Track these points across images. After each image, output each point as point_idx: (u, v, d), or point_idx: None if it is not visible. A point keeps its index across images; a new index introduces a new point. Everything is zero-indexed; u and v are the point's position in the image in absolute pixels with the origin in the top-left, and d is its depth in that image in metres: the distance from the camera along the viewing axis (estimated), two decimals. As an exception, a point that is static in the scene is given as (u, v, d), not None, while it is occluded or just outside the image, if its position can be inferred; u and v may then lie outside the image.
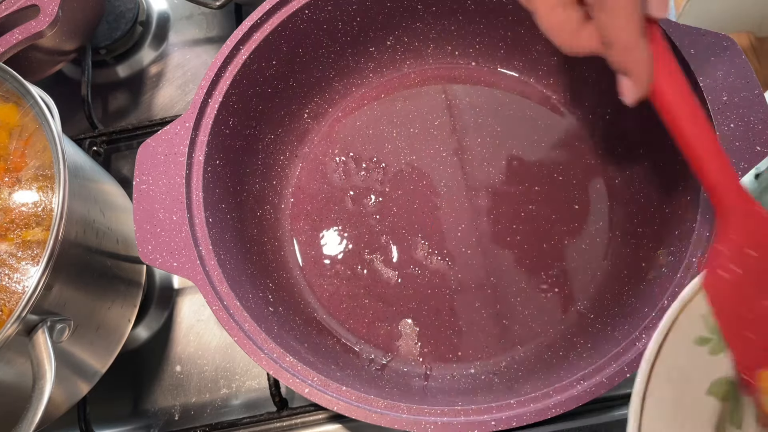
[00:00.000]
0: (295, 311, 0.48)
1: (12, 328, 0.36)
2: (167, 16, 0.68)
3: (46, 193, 0.41)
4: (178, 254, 0.41)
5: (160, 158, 0.44)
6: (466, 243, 0.50)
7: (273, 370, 0.38)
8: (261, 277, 0.48)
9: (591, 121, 0.53)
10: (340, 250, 0.52)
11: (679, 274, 0.38)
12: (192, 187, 0.43)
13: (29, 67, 0.56)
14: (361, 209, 0.53)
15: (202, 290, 0.40)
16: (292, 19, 0.48)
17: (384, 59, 0.56)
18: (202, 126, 0.45)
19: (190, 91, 0.64)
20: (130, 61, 0.67)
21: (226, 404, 0.52)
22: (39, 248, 0.39)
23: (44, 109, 0.41)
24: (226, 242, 0.45)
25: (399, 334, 0.49)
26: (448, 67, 0.57)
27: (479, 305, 0.49)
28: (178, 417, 0.52)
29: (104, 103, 0.65)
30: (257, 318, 0.40)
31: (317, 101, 0.56)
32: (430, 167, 0.53)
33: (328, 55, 0.53)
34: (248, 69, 0.47)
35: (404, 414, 0.36)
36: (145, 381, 0.54)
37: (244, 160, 0.50)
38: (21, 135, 0.43)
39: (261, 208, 0.52)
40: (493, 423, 0.35)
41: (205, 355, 0.54)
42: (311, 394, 0.37)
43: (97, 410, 0.51)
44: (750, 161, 0.39)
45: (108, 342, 0.48)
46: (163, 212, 0.42)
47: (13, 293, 0.38)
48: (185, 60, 0.66)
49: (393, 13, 0.52)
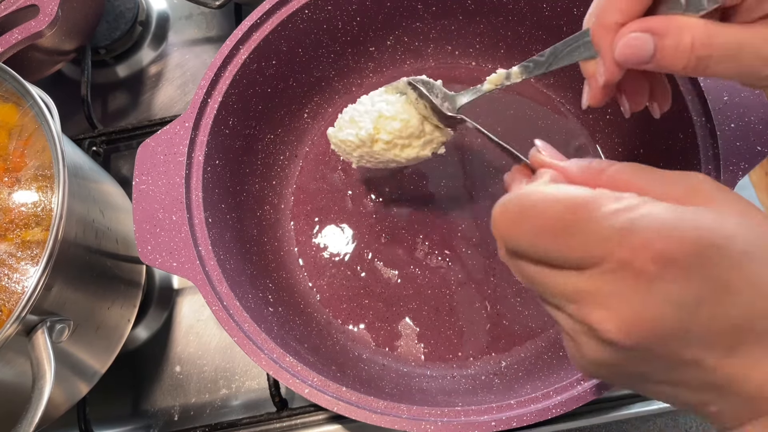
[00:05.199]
0: (295, 311, 0.48)
1: (12, 328, 0.36)
2: (167, 15, 0.68)
3: (46, 193, 0.41)
4: (178, 254, 0.41)
5: (159, 158, 0.44)
6: (466, 243, 0.50)
7: (273, 370, 0.38)
8: (261, 277, 0.48)
9: (591, 121, 0.53)
10: (340, 251, 0.52)
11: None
12: (191, 187, 0.43)
13: (29, 67, 0.56)
14: (361, 209, 0.53)
15: (202, 290, 0.40)
16: (291, 18, 0.48)
17: (384, 59, 0.56)
18: (201, 126, 0.45)
19: (189, 91, 0.64)
20: (130, 61, 0.67)
21: (225, 405, 0.52)
22: (38, 248, 0.39)
23: (44, 109, 0.41)
24: (225, 242, 0.45)
25: (399, 334, 0.49)
26: (448, 66, 0.57)
27: (479, 305, 0.49)
28: (177, 417, 0.52)
29: (104, 103, 0.65)
30: (257, 318, 0.40)
31: (317, 101, 0.56)
32: (430, 167, 0.53)
33: (328, 55, 0.53)
34: (248, 69, 0.47)
35: (404, 414, 0.36)
36: (144, 381, 0.54)
37: (243, 160, 0.50)
38: (20, 135, 0.43)
39: (261, 208, 0.52)
40: (493, 423, 0.35)
41: (204, 356, 0.54)
42: (311, 394, 0.37)
43: (96, 410, 0.51)
44: (750, 161, 0.39)
45: (108, 342, 0.48)
46: (163, 212, 0.42)
47: (12, 293, 0.38)
48: (185, 60, 0.66)
49: (393, 12, 0.52)
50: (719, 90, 0.40)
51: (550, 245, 0.25)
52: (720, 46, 0.26)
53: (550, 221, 0.25)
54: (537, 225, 0.25)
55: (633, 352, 0.24)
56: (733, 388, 0.24)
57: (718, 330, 0.24)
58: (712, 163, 0.40)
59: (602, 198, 0.24)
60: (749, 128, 0.39)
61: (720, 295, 0.23)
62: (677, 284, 0.23)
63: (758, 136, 0.39)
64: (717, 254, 0.23)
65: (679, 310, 0.23)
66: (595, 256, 0.24)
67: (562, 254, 0.25)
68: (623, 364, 0.25)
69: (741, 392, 0.24)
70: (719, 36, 0.26)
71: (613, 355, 0.25)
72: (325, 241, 0.53)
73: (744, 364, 0.24)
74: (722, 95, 0.40)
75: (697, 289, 0.23)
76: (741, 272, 0.23)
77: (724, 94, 0.40)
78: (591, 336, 0.25)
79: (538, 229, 0.25)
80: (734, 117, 0.39)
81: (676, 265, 0.23)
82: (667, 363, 0.24)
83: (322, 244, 0.52)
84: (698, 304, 0.23)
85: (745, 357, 0.24)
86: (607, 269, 0.24)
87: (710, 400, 0.25)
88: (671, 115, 0.43)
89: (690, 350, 0.24)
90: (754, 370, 0.24)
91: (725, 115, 0.40)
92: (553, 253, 0.25)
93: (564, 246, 0.25)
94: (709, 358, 0.24)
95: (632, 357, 0.25)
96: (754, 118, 0.39)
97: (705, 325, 0.23)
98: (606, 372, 0.26)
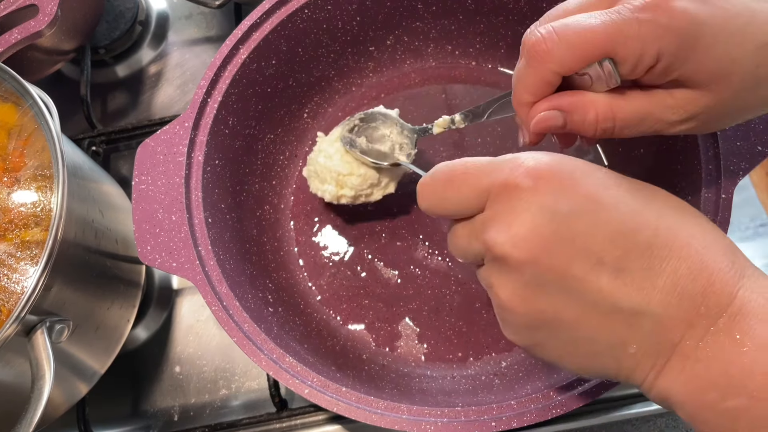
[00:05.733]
0: (295, 311, 0.48)
1: (11, 328, 0.36)
2: (166, 15, 0.68)
3: (45, 193, 0.41)
4: (177, 254, 0.41)
5: (159, 158, 0.44)
6: (466, 243, 0.50)
7: (272, 370, 0.38)
8: (260, 277, 0.48)
9: (591, 120, 0.52)
10: (339, 250, 0.52)
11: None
12: (191, 187, 0.43)
13: (28, 66, 0.56)
14: (361, 209, 0.53)
15: (202, 290, 0.40)
16: (291, 18, 0.48)
17: (384, 59, 0.56)
18: (201, 126, 0.45)
19: (189, 91, 0.64)
20: (129, 61, 0.66)
21: (225, 405, 0.52)
22: (38, 248, 0.39)
23: (43, 109, 0.41)
24: (225, 242, 0.45)
25: (399, 335, 0.49)
26: (448, 66, 0.56)
27: (479, 305, 0.49)
28: (177, 418, 0.52)
29: (103, 102, 0.65)
30: (257, 318, 0.40)
31: (317, 101, 0.56)
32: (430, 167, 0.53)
33: (328, 55, 0.53)
34: (248, 68, 0.47)
35: (404, 415, 0.36)
36: (144, 382, 0.54)
37: (243, 160, 0.50)
38: (20, 135, 0.43)
39: (261, 208, 0.52)
40: (493, 424, 0.35)
41: (204, 356, 0.54)
42: (311, 395, 0.37)
43: (96, 411, 0.51)
44: (751, 161, 0.39)
45: (107, 342, 0.48)
46: (162, 212, 0.42)
47: (12, 293, 0.38)
48: (184, 59, 0.66)
49: (393, 12, 0.52)
50: (720, 90, 0.40)
51: (452, 192, 0.29)
52: (621, 120, 0.30)
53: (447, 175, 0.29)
54: (439, 184, 0.30)
55: (527, 272, 0.26)
56: (638, 315, 0.25)
57: (597, 242, 0.25)
58: (713, 163, 0.40)
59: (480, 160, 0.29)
60: (750, 128, 0.39)
61: (592, 207, 0.26)
62: (549, 195, 0.26)
63: (759, 136, 0.39)
64: (583, 172, 0.27)
65: (552, 217, 0.26)
66: (484, 188, 0.28)
67: (462, 196, 0.29)
68: (531, 300, 0.26)
69: (646, 316, 0.25)
70: (621, 110, 0.30)
71: (514, 281, 0.27)
72: (325, 241, 0.52)
73: (635, 282, 0.25)
74: (723, 95, 0.40)
75: (569, 200, 0.26)
76: (609, 191, 0.26)
77: (724, 94, 0.40)
78: (494, 267, 0.28)
79: (441, 186, 0.29)
80: (735, 117, 0.39)
81: (546, 178, 0.26)
82: (562, 282, 0.26)
83: (322, 244, 0.52)
84: (571, 214, 0.25)
85: (635, 274, 0.25)
86: (495, 194, 0.27)
87: (624, 336, 0.25)
88: (672, 115, 0.43)
89: (577, 265, 0.25)
90: (652, 290, 0.25)
91: (726, 114, 0.39)
92: (454, 199, 0.29)
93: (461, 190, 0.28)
94: (602, 277, 0.25)
95: (531, 280, 0.26)
96: (755, 118, 0.39)
97: (582, 236, 0.25)
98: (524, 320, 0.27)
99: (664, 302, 0.24)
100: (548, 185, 0.26)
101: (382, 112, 0.48)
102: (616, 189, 0.27)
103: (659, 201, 0.27)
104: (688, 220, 0.27)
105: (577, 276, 0.25)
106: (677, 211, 0.27)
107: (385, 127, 0.48)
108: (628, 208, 0.26)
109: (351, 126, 0.48)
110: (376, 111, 0.49)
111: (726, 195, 0.38)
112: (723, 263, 0.25)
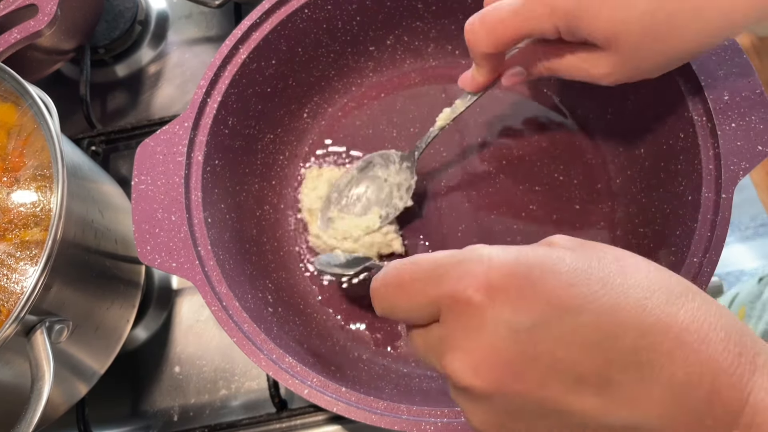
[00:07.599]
0: (295, 311, 0.48)
1: (10, 328, 0.36)
2: (166, 15, 0.68)
3: (45, 193, 0.41)
4: (177, 254, 0.41)
5: (158, 158, 0.44)
6: (466, 243, 0.50)
7: (272, 371, 0.38)
8: (260, 277, 0.47)
9: (592, 120, 0.53)
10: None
11: (681, 273, 0.38)
12: (191, 187, 0.43)
13: (28, 66, 0.55)
14: (360, 209, 0.53)
15: (201, 291, 0.40)
16: (291, 18, 0.48)
17: (384, 58, 0.56)
18: (201, 126, 0.45)
19: (189, 91, 0.64)
20: (129, 61, 0.66)
21: (225, 405, 0.52)
22: (37, 248, 0.39)
23: (43, 109, 0.41)
24: (225, 242, 0.44)
25: (399, 335, 0.49)
26: (448, 66, 0.56)
27: (479, 305, 0.48)
28: (176, 418, 0.52)
29: (103, 102, 0.65)
30: (256, 318, 0.40)
31: (317, 101, 0.56)
32: (430, 167, 0.53)
33: (328, 55, 0.53)
34: (247, 68, 0.47)
35: (404, 415, 0.36)
36: (143, 382, 0.54)
37: (243, 160, 0.50)
38: (19, 134, 0.43)
39: (261, 208, 0.52)
40: (493, 424, 0.35)
41: (204, 356, 0.54)
42: (311, 395, 0.37)
43: (95, 411, 0.51)
44: (751, 161, 0.38)
45: (107, 342, 0.47)
46: (162, 212, 0.42)
47: (11, 293, 0.38)
48: (184, 59, 0.66)
49: (393, 12, 0.52)
50: (720, 89, 0.40)
51: (401, 300, 0.25)
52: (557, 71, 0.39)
53: (395, 280, 0.25)
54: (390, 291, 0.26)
55: (497, 400, 0.22)
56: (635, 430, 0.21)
57: (571, 357, 0.21)
58: (713, 163, 0.40)
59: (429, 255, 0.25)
60: (750, 128, 0.39)
61: (556, 314, 0.21)
62: (506, 308, 0.22)
63: (759, 135, 0.39)
64: (543, 270, 0.22)
65: (514, 336, 0.22)
66: (433, 299, 0.24)
67: (412, 305, 0.25)
68: (508, 426, 0.23)
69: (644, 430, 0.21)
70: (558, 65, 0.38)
71: (485, 411, 0.23)
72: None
73: (625, 396, 0.21)
74: (723, 95, 0.40)
75: (529, 311, 0.22)
76: (574, 289, 0.22)
77: (725, 94, 0.40)
78: (459, 395, 0.24)
79: (392, 293, 0.25)
80: (735, 117, 0.39)
81: (500, 288, 0.22)
82: (539, 406, 0.22)
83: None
84: (535, 328, 0.22)
85: (624, 387, 0.21)
86: (446, 307, 0.23)
87: None
88: (672, 115, 0.43)
89: (552, 386, 0.22)
90: (648, 402, 0.21)
91: (726, 114, 0.39)
92: (405, 306, 0.25)
93: (412, 299, 0.25)
94: (584, 397, 0.21)
95: (502, 408, 0.23)
96: (755, 118, 0.39)
97: (550, 352, 0.21)
98: None
99: (662, 416, 0.21)
100: (504, 296, 0.22)
101: (379, 154, 0.50)
102: (585, 283, 0.22)
103: (640, 281, 0.22)
104: (675, 303, 0.22)
105: (556, 399, 0.22)
106: (662, 293, 0.22)
107: (383, 170, 0.49)
108: (602, 307, 0.21)
109: (349, 178, 0.50)
110: (375, 155, 0.50)
111: (726, 195, 0.38)
112: (727, 359, 0.21)
